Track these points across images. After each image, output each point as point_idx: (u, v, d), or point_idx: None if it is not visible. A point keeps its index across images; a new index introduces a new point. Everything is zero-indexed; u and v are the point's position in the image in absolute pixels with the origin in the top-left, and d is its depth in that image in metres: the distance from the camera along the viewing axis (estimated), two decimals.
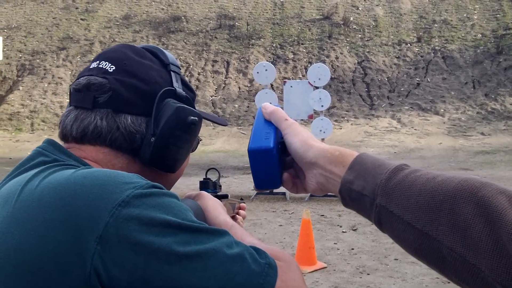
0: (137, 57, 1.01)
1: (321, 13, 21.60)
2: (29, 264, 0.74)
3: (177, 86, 1.02)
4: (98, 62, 0.99)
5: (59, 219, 0.75)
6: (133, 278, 0.72)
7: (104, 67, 0.97)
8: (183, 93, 1.02)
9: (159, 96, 0.97)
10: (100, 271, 0.72)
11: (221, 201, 1.19)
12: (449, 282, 5.03)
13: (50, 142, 0.94)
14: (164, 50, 1.07)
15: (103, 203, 0.75)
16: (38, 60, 20.45)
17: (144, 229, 0.74)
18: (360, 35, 20.34)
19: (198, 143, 1.14)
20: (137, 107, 0.96)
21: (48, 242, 0.74)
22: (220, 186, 1.33)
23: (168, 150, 0.97)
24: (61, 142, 0.97)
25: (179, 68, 1.07)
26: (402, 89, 17.98)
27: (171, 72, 1.03)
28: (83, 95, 0.95)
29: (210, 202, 1.09)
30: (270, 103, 0.92)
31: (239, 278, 0.75)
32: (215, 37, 20.91)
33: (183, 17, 22.01)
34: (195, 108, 1.03)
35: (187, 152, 1.03)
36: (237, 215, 1.34)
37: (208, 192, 1.22)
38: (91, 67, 0.99)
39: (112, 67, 0.97)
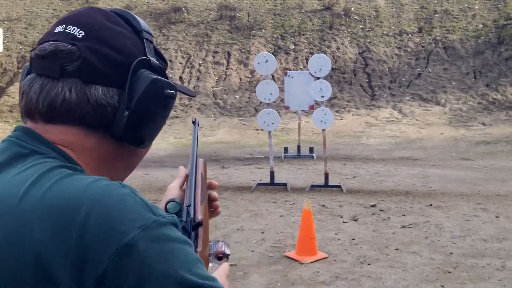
0: (109, 23, 0.91)
1: (322, 4, 21.52)
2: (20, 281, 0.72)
3: (151, 55, 0.94)
4: (64, 26, 0.89)
5: (59, 241, 0.72)
6: None
7: (72, 32, 0.88)
8: (157, 63, 0.95)
9: (133, 66, 0.89)
10: None
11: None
12: (449, 272, 5.05)
13: (24, 130, 0.87)
14: (136, 16, 0.98)
15: (105, 242, 0.72)
16: None
17: (142, 278, 0.72)
18: (361, 26, 20.27)
19: None
20: (108, 77, 0.88)
21: (42, 262, 0.72)
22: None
23: (143, 125, 0.91)
24: (26, 119, 0.90)
25: (152, 35, 0.98)
26: (403, 79, 17.94)
27: (144, 40, 0.95)
28: (49, 62, 0.86)
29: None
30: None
31: None
32: (216, 28, 20.85)
33: (183, 8, 21.93)
34: (168, 79, 0.96)
35: (161, 127, 0.97)
36: (214, 204, 1.20)
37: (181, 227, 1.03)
38: (55, 31, 0.89)
39: (81, 33, 0.88)
